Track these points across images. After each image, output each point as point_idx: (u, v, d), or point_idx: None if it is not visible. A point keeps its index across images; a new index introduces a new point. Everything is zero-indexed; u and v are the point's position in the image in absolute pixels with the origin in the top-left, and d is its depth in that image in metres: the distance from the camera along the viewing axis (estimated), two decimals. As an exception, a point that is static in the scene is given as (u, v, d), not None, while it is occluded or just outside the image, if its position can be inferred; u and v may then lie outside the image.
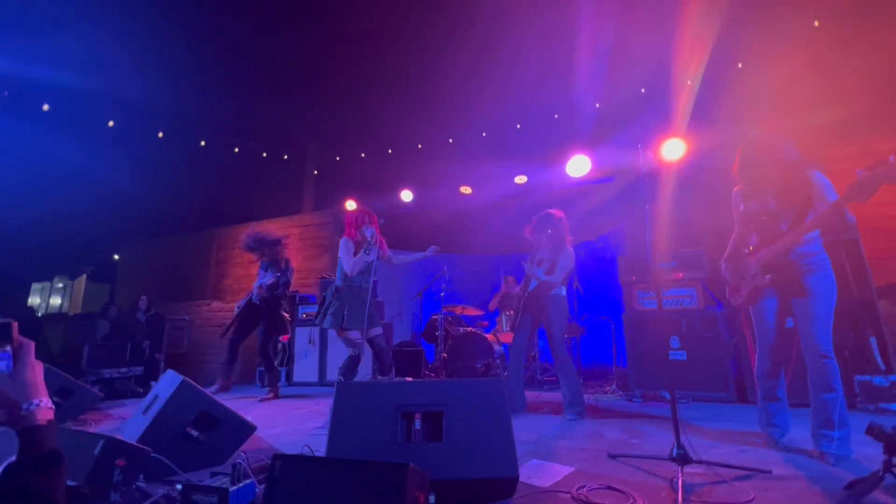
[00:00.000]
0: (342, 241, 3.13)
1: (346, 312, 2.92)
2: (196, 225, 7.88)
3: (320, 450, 1.92)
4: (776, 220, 2.05)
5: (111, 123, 5.65)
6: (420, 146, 7.26)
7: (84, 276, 11.36)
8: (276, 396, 4.04)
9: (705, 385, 3.40)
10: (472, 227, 6.56)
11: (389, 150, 7.55)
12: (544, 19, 5.45)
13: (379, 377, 3.17)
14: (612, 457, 1.98)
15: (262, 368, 4.17)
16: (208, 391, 3.85)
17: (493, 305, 5.59)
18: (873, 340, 3.15)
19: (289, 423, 2.95)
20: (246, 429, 2.10)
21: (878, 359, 3.10)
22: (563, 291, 3.17)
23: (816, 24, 4.66)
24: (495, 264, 6.80)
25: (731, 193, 2.31)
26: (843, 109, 4.18)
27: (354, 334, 2.93)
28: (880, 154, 4.11)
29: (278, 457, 1.24)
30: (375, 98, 6.78)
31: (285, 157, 7.55)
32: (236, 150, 6.93)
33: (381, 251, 3.21)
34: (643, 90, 5.92)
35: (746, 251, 2.20)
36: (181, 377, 1.97)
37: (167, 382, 2.05)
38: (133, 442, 1.71)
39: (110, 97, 5.61)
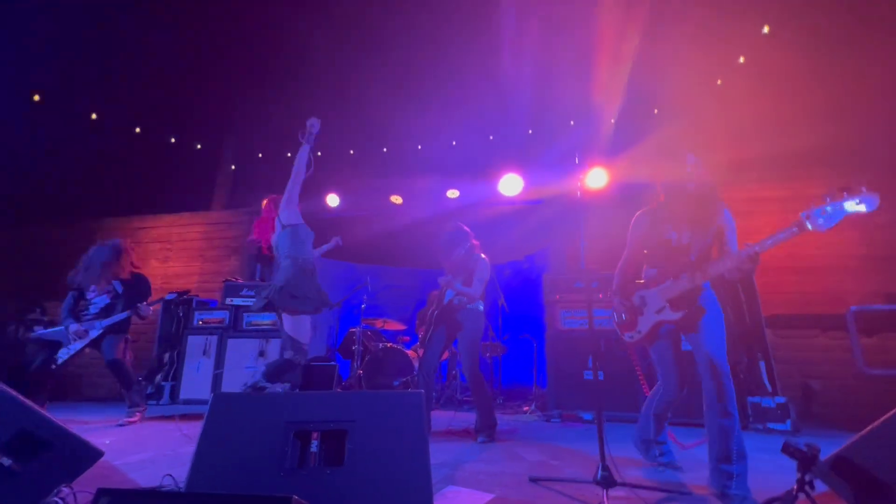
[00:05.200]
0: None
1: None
2: (77, 213, 6.74)
3: (188, 480, 1.53)
4: (687, 252, 1.93)
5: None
6: (352, 152, 6.96)
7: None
8: (143, 417, 3.39)
9: (620, 405, 3.44)
10: (400, 240, 6.34)
11: (319, 153, 7.15)
12: (479, 46, 5.59)
13: None
14: (534, 480, 1.83)
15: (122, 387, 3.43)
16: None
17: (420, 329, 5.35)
18: (762, 364, 3.43)
19: (160, 449, 2.43)
20: (88, 455, 1.62)
21: (766, 382, 3.37)
22: (481, 306, 2.99)
23: (719, 82, 5.26)
24: (423, 279, 6.61)
25: (634, 216, 2.18)
26: (736, 155, 4.71)
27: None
28: (767, 201, 4.64)
29: (104, 492, 0.89)
30: (306, 98, 6.41)
31: (198, 146, 6.79)
32: (137, 130, 6.07)
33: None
34: (572, 122, 6.25)
35: (641, 282, 2.09)
36: (-5, 385, 1.48)
37: (-25, 393, 1.53)
38: None
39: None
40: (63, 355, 3.20)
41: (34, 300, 5.53)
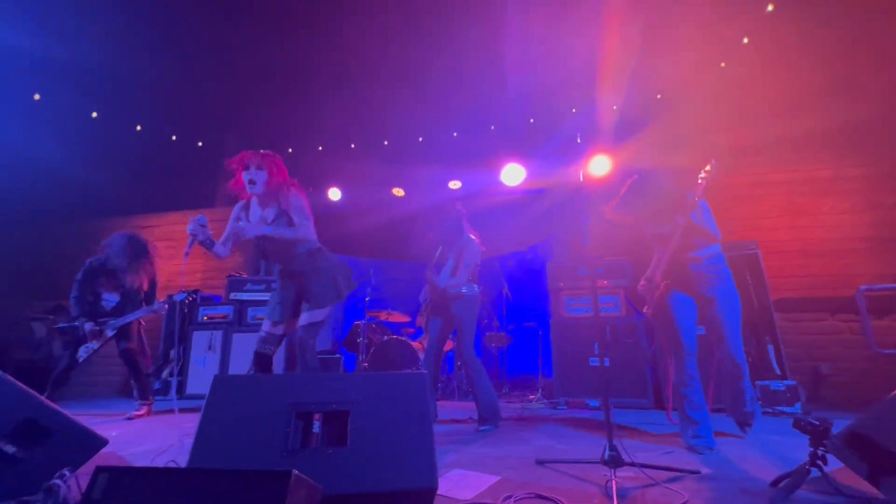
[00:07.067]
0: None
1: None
2: (83, 212, 6.78)
3: (192, 466, 1.53)
4: (668, 238, 2.26)
5: None
6: (353, 146, 6.93)
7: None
8: (150, 411, 3.41)
9: (625, 392, 3.42)
10: (402, 232, 6.33)
11: (320, 148, 7.13)
12: (478, 36, 5.53)
13: None
14: (540, 463, 1.81)
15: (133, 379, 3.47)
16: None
17: (420, 321, 5.33)
18: (770, 348, 3.40)
19: (165, 440, 2.43)
20: (92, 444, 1.62)
21: (775, 365, 3.33)
22: (476, 289, 2.90)
23: (723, 65, 5.18)
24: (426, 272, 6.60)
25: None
26: (740, 139, 4.64)
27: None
28: (772, 185, 4.56)
29: (103, 469, 0.88)
30: (307, 94, 6.40)
31: (199, 143, 6.79)
32: (138, 128, 6.07)
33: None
34: (574, 110, 6.18)
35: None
36: (-2, 373, 1.48)
37: (-21, 382, 1.53)
38: None
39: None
40: (83, 353, 3.25)
41: (58, 306, 5.55)
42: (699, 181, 2.11)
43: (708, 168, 2.10)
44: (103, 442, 1.67)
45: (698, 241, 2.21)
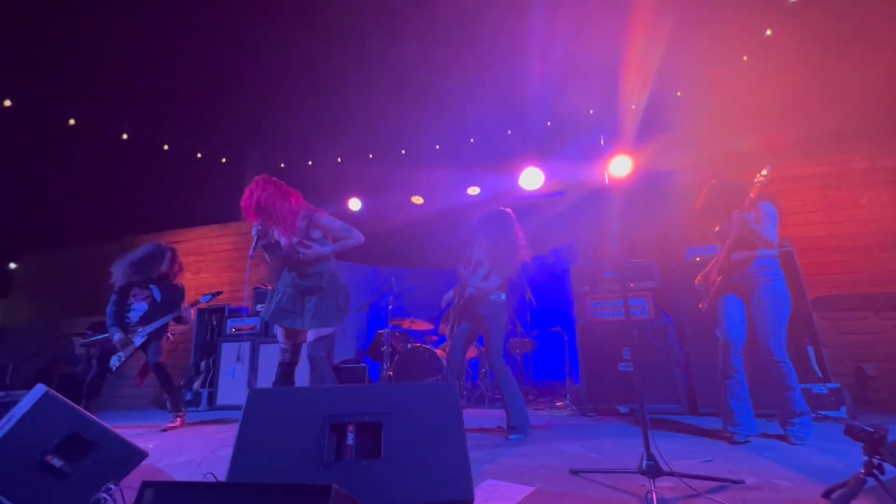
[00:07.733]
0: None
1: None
2: (115, 232, 7.05)
3: (229, 478, 1.55)
4: (727, 236, 2.45)
5: (7, 103, 4.82)
6: (371, 156, 7.03)
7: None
8: (184, 423, 3.49)
9: (657, 397, 3.32)
10: (422, 240, 6.36)
11: (339, 159, 7.26)
12: (496, 43, 5.54)
13: None
14: (575, 473, 1.77)
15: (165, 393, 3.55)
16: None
17: (443, 329, 5.32)
18: (810, 349, 3.25)
19: (200, 451, 2.48)
20: (133, 456, 1.66)
21: (816, 367, 3.18)
22: (503, 297, 2.86)
23: (745, 58, 5.04)
24: (446, 279, 6.59)
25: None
26: (769, 134, 4.49)
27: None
28: (804, 179, 4.41)
29: (149, 484, 0.90)
30: (324, 108, 6.52)
31: (223, 159, 6.99)
32: (165, 147, 6.30)
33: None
34: (591, 111, 6.11)
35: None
36: (45, 388, 1.54)
37: (27, 399, 1.60)
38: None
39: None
40: (115, 362, 3.38)
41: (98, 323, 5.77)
42: (755, 183, 2.26)
43: (764, 172, 2.24)
44: (143, 455, 1.71)
45: (753, 243, 2.33)
